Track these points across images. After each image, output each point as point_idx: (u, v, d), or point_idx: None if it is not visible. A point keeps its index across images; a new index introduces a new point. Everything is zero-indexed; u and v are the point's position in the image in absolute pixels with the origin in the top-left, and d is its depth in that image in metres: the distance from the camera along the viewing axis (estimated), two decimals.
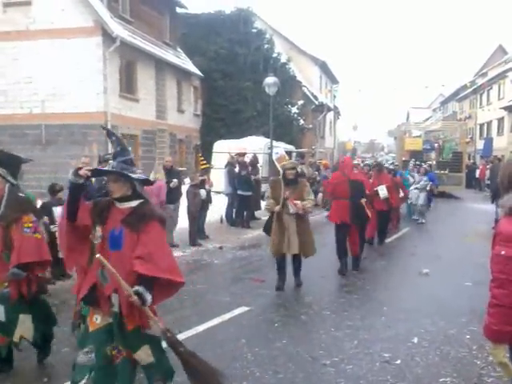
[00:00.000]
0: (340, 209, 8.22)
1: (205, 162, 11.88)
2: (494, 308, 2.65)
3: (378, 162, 14.01)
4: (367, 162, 13.70)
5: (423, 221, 14.71)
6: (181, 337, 5.26)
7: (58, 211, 7.43)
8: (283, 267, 7.38)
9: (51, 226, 7.26)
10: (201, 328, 5.58)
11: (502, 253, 2.60)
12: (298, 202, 6.99)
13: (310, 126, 32.97)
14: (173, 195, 10.07)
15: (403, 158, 22.07)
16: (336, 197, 8.41)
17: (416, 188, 14.84)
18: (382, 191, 10.71)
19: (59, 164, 16.10)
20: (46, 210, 7.40)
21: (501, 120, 37.08)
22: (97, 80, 16.70)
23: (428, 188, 16.13)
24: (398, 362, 4.76)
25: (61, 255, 7.36)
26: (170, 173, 10.35)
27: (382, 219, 10.98)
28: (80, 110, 16.67)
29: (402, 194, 12.94)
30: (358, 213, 8.15)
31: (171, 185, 9.88)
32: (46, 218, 7.13)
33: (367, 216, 8.50)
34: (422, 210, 14.83)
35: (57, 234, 7.31)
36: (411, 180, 15.31)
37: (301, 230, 7.12)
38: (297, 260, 7.37)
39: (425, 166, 17.13)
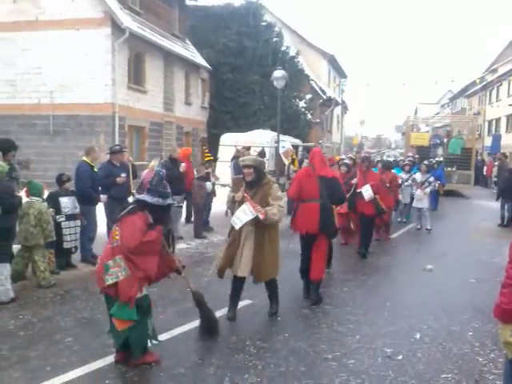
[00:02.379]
0: (307, 214, 6.38)
1: (209, 154, 11.86)
2: (508, 288, 2.67)
3: (366, 156, 11.74)
4: (345, 161, 10.87)
5: (428, 226, 12.48)
6: (184, 328, 5.33)
7: (64, 201, 7.48)
8: (238, 287, 5.85)
9: (57, 216, 7.29)
10: None
11: None
12: (260, 207, 5.43)
13: (318, 120, 32.91)
14: (178, 188, 10.09)
15: (409, 154, 21.78)
16: (303, 198, 6.51)
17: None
18: (367, 192, 9.05)
19: (67, 154, 16.20)
20: (53, 200, 7.43)
21: (510, 117, 36.78)
22: (105, 71, 16.74)
23: (435, 187, 14.68)
24: (400, 357, 4.77)
25: (65, 246, 7.46)
26: (175, 164, 10.36)
27: (365, 225, 9.27)
28: (88, 101, 16.73)
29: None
30: (326, 220, 6.38)
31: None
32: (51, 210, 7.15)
33: (335, 226, 6.85)
34: (426, 214, 12.54)
35: (63, 224, 7.39)
36: (404, 177, 13.11)
37: (259, 247, 5.58)
38: (242, 283, 5.82)
39: (425, 162, 14.73)
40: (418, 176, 12.90)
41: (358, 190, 9.17)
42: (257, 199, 5.52)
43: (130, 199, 9.09)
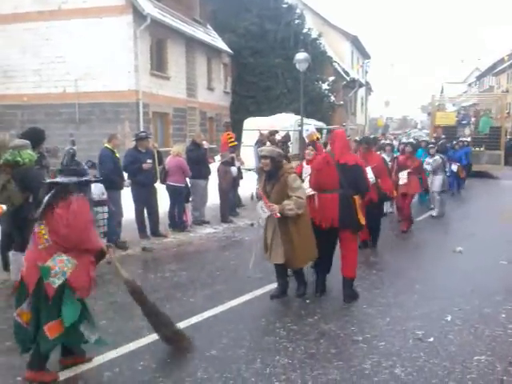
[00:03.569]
0: (325, 206, 5.78)
1: (232, 139, 11.88)
2: None
3: (366, 136, 11.14)
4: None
5: (433, 213, 11.71)
6: (215, 311, 5.39)
7: (91, 188, 7.57)
8: (280, 272, 5.92)
9: None
10: (234, 303, 5.65)
11: None
12: (274, 205, 5.40)
13: (341, 102, 32.56)
14: (203, 171, 10.18)
15: (434, 135, 21.27)
16: (321, 189, 5.90)
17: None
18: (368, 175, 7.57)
19: (92, 142, 16.36)
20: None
21: None
22: (128, 59, 16.83)
23: (455, 170, 14.29)
24: (431, 339, 4.74)
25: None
26: (198, 148, 10.41)
27: (370, 213, 7.47)
28: (112, 89, 16.88)
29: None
30: (346, 212, 5.75)
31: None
32: None
33: (358, 219, 5.87)
34: (437, 198, 11.72)
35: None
36: (430, 161, 12.03)
37: (285, 235, 5.56)
38: (281, 267, 5.88)
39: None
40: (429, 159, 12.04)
41: None
42: (275, 192, 5.54)
43: (157, 184, 9.21)
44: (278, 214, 5.41)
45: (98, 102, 17.11)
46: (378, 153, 10.13)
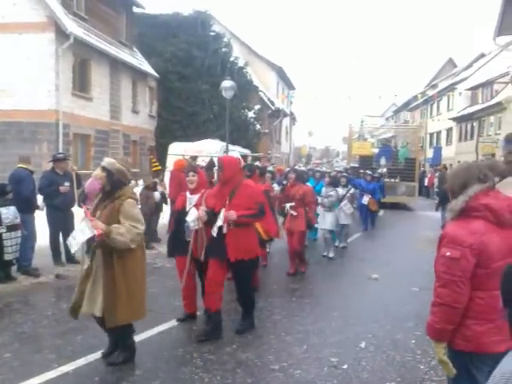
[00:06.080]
0: None
1: (157, 164, 11.73)
2: (437, 307, 2.76)
3: (255, 164, 10.17)
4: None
5: (330, 254, 10.29)
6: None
7: (4, 212, 7.18)
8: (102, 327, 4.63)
9: None
10: (152, 332, 5.50)
11: (447, 254, 2.74)
12: (99, 222, 4.16)
13: (266, 130, 33.22)
14: None
15: (350, 165, 21.60)
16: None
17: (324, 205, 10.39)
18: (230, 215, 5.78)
19: (8, 162, 15.51)
20: None
21: (449, 130, 38.47)
22: (48, 77, 16.26)
23: (365, 202, 13.84)
24: (345, 366, 4.84)
25: (6, 257, 7.16)
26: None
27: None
28: (30, 108, 16.19)
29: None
30: None
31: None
32: None
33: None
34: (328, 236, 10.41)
35: (4, 235, 7.08)
36: (341, 192, 11.10)
37: (108, 283, 4.30)
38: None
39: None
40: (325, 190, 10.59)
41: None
42: (104, 215, 4.31)
43: (74, 209, 8.86)
44: (98, 231, 4.07)
45: (15, 120, 16.33)
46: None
